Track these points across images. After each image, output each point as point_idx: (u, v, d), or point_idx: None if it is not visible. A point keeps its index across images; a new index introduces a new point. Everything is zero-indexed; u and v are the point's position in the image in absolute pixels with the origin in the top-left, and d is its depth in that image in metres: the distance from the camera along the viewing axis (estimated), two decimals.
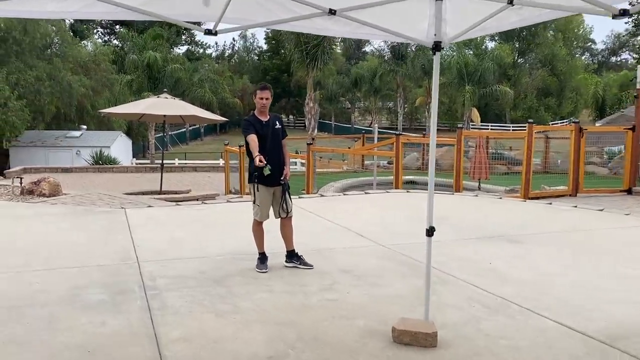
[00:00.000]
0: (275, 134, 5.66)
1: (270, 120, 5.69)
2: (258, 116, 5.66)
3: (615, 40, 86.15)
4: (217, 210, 8.96)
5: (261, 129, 5.57)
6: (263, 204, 5.64)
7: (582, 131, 12.18)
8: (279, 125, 5.75)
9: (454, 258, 6.24)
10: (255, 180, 5.55)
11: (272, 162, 5.48)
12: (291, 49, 19.11)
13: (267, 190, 5.62)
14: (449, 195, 10.54)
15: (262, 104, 5.62)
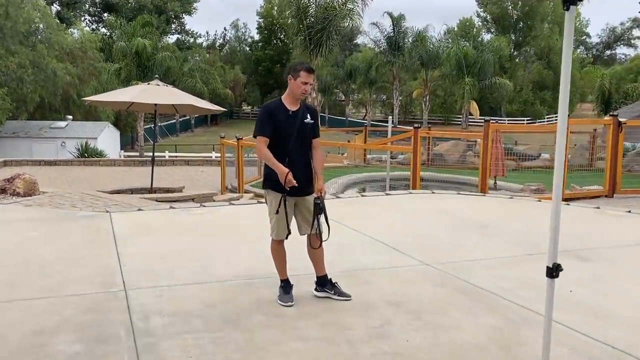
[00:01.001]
0: (303, 130, 4.34)
1: (299, 112, 4.37)
2: (285, 103, 4.36)
3: (610, 34, 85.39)
4: (219, 214, 7.66)
5: (285, 121, 4.27)
6: (280, 216, 4.31)
7: (621, 125, 10.99)
8: (310, 119, 4.41)
9: (522, 283, 5.00)
10: (270, 187, 4.33)
11: (296, 167, 4.22)
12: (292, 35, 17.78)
13: (288, 200, 4.32)
14: (478, 197, 9.31)
15: (303, 90, 4.31)
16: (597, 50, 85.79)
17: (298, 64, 4.40)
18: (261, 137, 4.23)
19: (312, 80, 4.42)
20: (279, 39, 64.75)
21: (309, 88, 4.36)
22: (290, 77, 4.33)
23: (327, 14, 15.61)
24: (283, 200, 4.24)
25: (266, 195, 4.40)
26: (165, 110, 14.35)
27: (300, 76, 4.28)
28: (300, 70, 4.29)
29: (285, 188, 4.15)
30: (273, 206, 4.31)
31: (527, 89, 59.49)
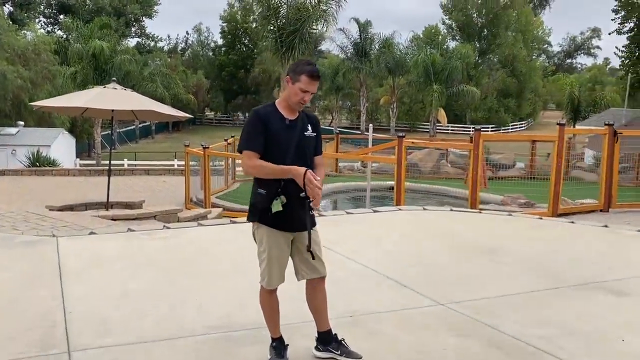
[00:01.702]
0: (303, 144, 3.34)
1: (298, 121, 3.37)
2: (281, 110, 3.35)
3: (570, 43, 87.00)
4: (186, 238, 6.58)
5: (281, 132, 3.27)
6: (275, 258, 3.33)
7: (617, 135, 10.33)
8: (311, 131, 3.42)
9: (561, 329, 4.10)
10: (262, 220, 3.31)
11: (293, 190, 3.23)
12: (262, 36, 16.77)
13: (282, 235, 3.33)
14: (474, 215, 8.46)
15: (301, 100, 3.28)
16: (559, 59, 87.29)
17: (301, 64, 3.34)
18: (249, 151, 3.23)
19: (316, 89, 3.34)
20: (243, 44, 63.50)
21: (308, 98, 3.32)
22: (289, 79, 3.30)
23: (300, 15, 14.70)
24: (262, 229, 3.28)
25: (255, 230, 3.39)
26: (124, 116, 13.14)
27: (301, 81, 3.24)
28: (301, 74, 3.24)
29: (267, 211, 3.19)
30: (265, 245, 3.30)
31: (492, 96, 59.71)
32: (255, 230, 3.38)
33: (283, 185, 3.20)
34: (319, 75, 3.32)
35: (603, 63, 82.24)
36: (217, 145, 17.98)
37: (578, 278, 5.36)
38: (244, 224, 7.33)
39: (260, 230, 3.33)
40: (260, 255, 3.35)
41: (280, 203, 3.19)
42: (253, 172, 3.26)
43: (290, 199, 3.22)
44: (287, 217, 3.24)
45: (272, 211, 3.21)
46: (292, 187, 3.21)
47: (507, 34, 62.51)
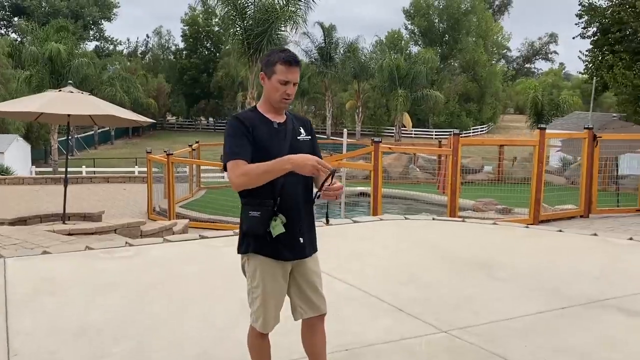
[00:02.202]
0: (299, 150, 2.76)
1: (288, 124, 2.83)
2: (265, 113, 2.80)
3: (529, 48, 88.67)
4: (153, 258, 5.94)
5: (270, 138, 2.73)
6: (271, 295, 2.77)
7: (597, 139, 10.10)
8: (305, 135, 2.88)
9: (581, 358, 3.67)
10: (254, 249, 2.74)
11: (291, 212, 2.71)
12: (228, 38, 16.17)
13: (279, 266, 2.77)
14: (458, 224, 8.04)
15: (283, 96, 2.73)
16: (517, 63, 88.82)
17: (272, 53, 2.75)
18: (236, 160, 2.64)
19: (297, 77, 2.76)
20: (205, 47, 62.45)
21: (293, 91, 2.75)
22: (263, 76, 2.74)
23: (268, 16, 14.14)
24: (253, 261, 2.72)
25: (245, 263, 2.83)
26: (81, 121, 12.34)
27: (277, 72, 2.68)
28: (275, 64, 2.68)
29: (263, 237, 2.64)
30: (258, 280, 2.74)
31: (454, 100, 60.20)
32: (246, 263, 2.81)
33: (280, 202, 2.66)
34: (298, 60, 2.74)
35: (559, 68, 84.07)
36: (182, 151, 17.24)
37: (583, 296, 4.95)
38: (215, 238, 6.76)
39: (253, 263, 2.76)
40: (253, 292, 2.78)
41: (280, 223, 2.64)
42: (243, 181, 2.60)
43: (291, 216, 2.68)
44: (287, 241, 2.70)
45: (272, 235, 2.65)
46: (291, 200, 2.69)
47: (468, 39, 63.20)
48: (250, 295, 2.78)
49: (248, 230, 2.70)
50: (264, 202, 2.65)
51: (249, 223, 2.69)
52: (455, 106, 60.23)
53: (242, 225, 2.74)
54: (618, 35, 21.97)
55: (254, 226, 2.67)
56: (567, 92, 49.43)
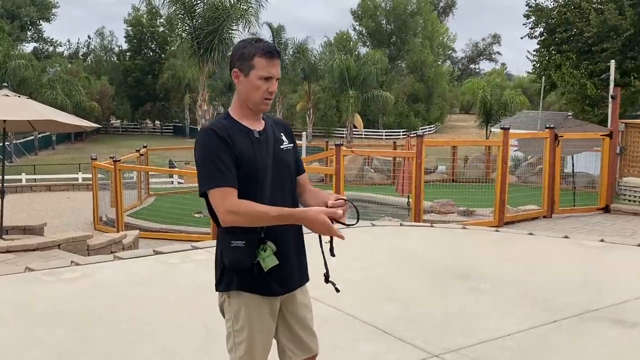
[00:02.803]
0: (282, 162, 2.34)
1: (267, 131, 2.35)
2: (241, 120, 2.31)
3: (473, 48, 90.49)
4: (103, 279, 5.33)
5: (253, 151, 2.25)
6: (259, 338, 2.29)
7: (558, 138, 10.01)
8: (288, 143, 2.42)
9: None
10: (239, 285, 2.26)
11: (280, 236, 2.25)
12: (178, 37, 15.47)
13: (267, 303, 2.30)
14: (426, 230, 7.71)
15: (265, 95, 2.27)
16: (462, 64, 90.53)
17: (247, 46, 2.27)
18: (223, 188, 2.15)
19: (279, 72, 2.29)
20: (150, 49, 60.79)
21: (275, 88, 2.29)
22: (237, 73, 2.26)
23: (219, 14, 13.54)
24: (237, 299, 2.24)
25: (225, 302, 2.33)
26: (19, 127, 11.48)
27: (256, 66, 2.22)
28: (253, 57, 2.21)
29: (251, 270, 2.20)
30: (243, 322, 2.25)
31: (402, 101, 60.71)
32: (226, 302, 2.31)
33: (268, 227, 2.20)
34: (279, 51, 2.28)
35: (501, 68, 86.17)
36: (129, 156, 16.40)
37: (572, 307, 4.66)
38: (170, 254, 6.17)
39: (236, 301, 2.27)
40: (236, 336, 2.28)
41: (271, 252, 2.18)
42: (236, 220, 2.13)
43: (281, 241, 2.24)
44: (276, 273, 2.24)
45: (263, 269, 2.18)
46: (276, 233, 2.23)
47: (415, 40, 63.89)
48: (232, 340, 2.29)
49: (231, 265, 2.21)
50: (248, 228, 2.17)
51: (231, 255, 2.19)
52: (404, 106, 60.75)
53: (222, 258, 2.25)
54: (564, 35, 22.33)
55: (238, 259, 2.18)
56: (509, 92, 50.58)
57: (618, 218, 9.94)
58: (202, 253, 6.16)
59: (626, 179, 10.46)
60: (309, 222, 2.17)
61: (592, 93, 20.82)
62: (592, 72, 21.20)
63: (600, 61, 20.83)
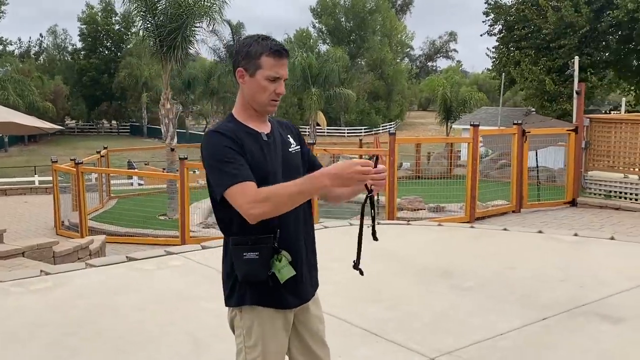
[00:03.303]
0: (292, 166, 2.22)
1: (274, 133, 2.23)
2: (247, 122, 2.18)
3: (430, 46, 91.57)
4: (76, 288, 5.09)
5: (262, 154, 2.13)
6: (271, 355, 2.16)
7: (525, 134, 10.14)
8: (295, 146, 2.29)
9: None
10: (252, 300, 2.14)
11: (293, 244, 2.13)
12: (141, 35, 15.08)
13: (281, 317, 2.18)
14: (402, 227, 7.69)
15: (272, 95, 2.15)
16: (420, 62, 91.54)
17: (252, 43, 2.13)
18: (243, 183, 2.00)
19: (287, 73, 2.17)
20: (105, 47, 59.29)
21: (283, 89, 2.18)
22: (242, 73, 2.14)
23: (182, 11, 13.25)
24: (250, 314, 2.11)
25: (236, 317, 2.19)
26: None
27: (263, 66, 2.10)
28: (260, 55, 2.09)
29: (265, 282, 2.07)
30: (256, 338, 2.13)
31: (363, 99, 61.01)
32: (237, 316, 2.18)
33: (280, 234, 2.07)
34: (287, 50, 2.16)
35: (456, 65, 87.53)
36: (90, 158, 15.93)
37: (557, 303, 4.68)
38: (144, 260, 5.95)
39: (249, 316, 2.14)
40: (248, 352, 2.14)
41: (287, 262, 2.06)
42: (266, 209, 1.96)
43: (294, 249, 2.12)
44: (290, 284, 2.12)
45: (279, 280, 2.06)
46: (292, 228, 2.12)
47: (374, 38, 64.27)
48: (243, 356, 2.15)
49: (245, 278, 2.08)
50: (261, 238, 2.04)
51: (245, 269, 2.06)
52: (365, 104, 61.13)
53: (234, 271, 2.11)
54: (523, 32, 22.74)
55: (252, 271, 2.05)
56: (466, 89, 51.42)
57: (585, 211, 10.13)
58: (177, 259, 5.97)
59: (591, 173, 10.66)
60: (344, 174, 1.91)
61: (550, 89, 21.27)
62: (550, 68, 21.66)
63: (558, 57, 21.30)
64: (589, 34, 21.28)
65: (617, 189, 10.36)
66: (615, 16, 20.13)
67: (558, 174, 14.68)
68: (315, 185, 1.95)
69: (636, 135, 10.29)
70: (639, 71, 23.65)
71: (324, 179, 1.94)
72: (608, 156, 10.63)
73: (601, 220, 9.39)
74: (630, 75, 24.04)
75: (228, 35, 45.46)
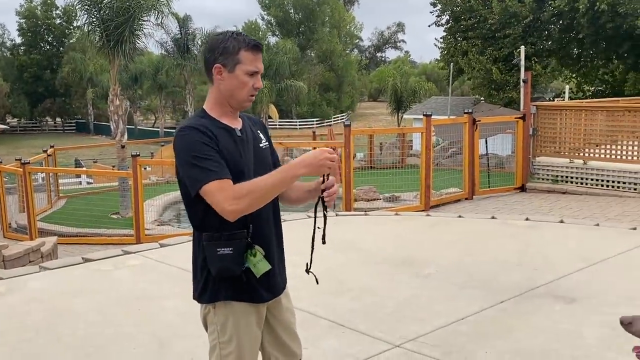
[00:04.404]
0: (263, 161, 2.23)
1: (246, 129, 2.22)
2: (220, 118, 2.16)
3: (379, 37, 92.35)
4: (32, 293, 4.93)
5: (238, 152, 2.12)
6: (248, 350, 2.16)
7: (476, 123, 10.38)
8: (265, 142, 2.30)
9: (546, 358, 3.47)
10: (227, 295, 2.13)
11: (266, 235, 2.17)
12: (75, 30, 14.62)
13: (254, 311, 2.19)
14: (361, 218, 7.77)
15: (250, 90, 2.14)
16: (370, 52, 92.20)
17: (228, 39, 2.10)
18: (221, 180, 1.99)
19: (261, 66, 2.16)
20: (46, 42, 57.32)
21: (261, 83, 2.17)
22: (220, 69, 2.10)
23: (129, 4, 12.92)
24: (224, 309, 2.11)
25: (209, 313, 2.18)
26: None
27: (242, 61, 2.08)
28: (238, 51, 2.07)
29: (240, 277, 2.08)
30: (230, 333, 2.13)
31: (314, 90, 61.10)
32: (211, 313, 2.16)
33: (253, 229, 2.09)
34: (261, 44, 2.16)
35: (405, 56, 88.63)
36: (37, 158, 15.43)
37: (514, 286, 4.84)
38: (101, 261, 5.82)
39: (223, 312, 2.13)
40: (222, 348, 2.13)
41: (262, 256, 2.07)
42: (246, 204, 1.97)
43: (266, 243, 2.15)
44: (266, 277, 2.14)
45: (255, 275, 2.06)
46: (263, 222, 2.16)
47: (324, 30, 64.35)
48: (217, 352, 2.14)
49: (219, 274, 2.07)
50: (235, 233, 2.05)
51: (218, 264, 2.06)
52: (316, 96, 61.22)
53: (207, 267, 2.10)
54: (469, 23, 23.21)
55: (226, 267, 2.05)
56: (414, 79, 52.19)
57: (534, 196, 10.47)
58: (135, 258, 5.87)
59: (539, 159, 11.01)
60: (314, 162, 2.00)
61: (497, 78, 21.82)
62: (496, 57, 22.21)
63: (504, 47, 21.86)
64: (532, 24, 21.91)
65: (563, 173, 10.74)
66: (557, 6, 20.79)
67: (507, 161, 15.11)
68: (291, 175, 2.01)
69: (580, 121, 10.68)
70: (579, 59, 24.51)
71: (299, 167, 2.00)
72: (554, 142, 11.00)
73: (550, 204, 9.72)
74: (572, 63, 24.89)
75: (175, 29, 44.64)
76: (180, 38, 44.01)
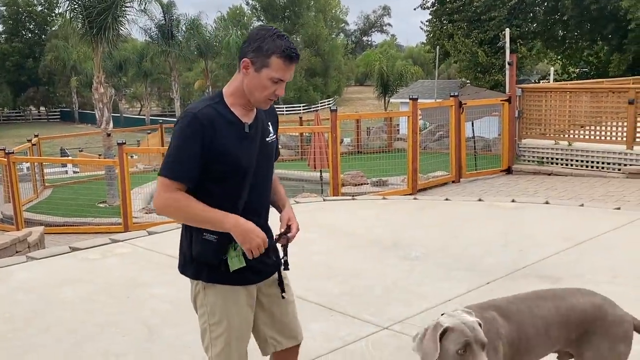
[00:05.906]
0: (266, 157, 2.24)
1: (257, 123, 2.21)
2: (235, 109, 2.13)
3: (365, 21, 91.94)
4: (19, 283, 4.91)
5: (238, 146, 2.11)
6: (237, 332, 2.19)
7: (462, 106, 10.41)
8: (272, 135, 2.29)
9: None
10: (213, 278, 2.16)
11: (259, 222, 2.19)
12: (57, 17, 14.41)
13: (244, 291, 2.20)
14: (349, 203, 7.80)
15: (270, 96, 2.12)
16: (355, 37, 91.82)
17: (267, 37, 2.06)
18: (172, 181, 2.04)
19: (292, 75, 2.16)
20: (28, 30, 56.49)
21: (283, 92, 2.15)
22: (247, 64, 2.07)
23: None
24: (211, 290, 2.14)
25: (199, 293, 2.20)
26: None
27: (271, 66, 2.05)
28: (271, 55, 2.04)
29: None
30: (220, 314, 2.15)
31: (300, 75, 60.84)
32: (201, 293, 2.18)
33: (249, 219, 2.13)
34: (298, 55, 2.13)
35: (391, 40, 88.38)
36: (21, 147, 15.30)
37: (500, 267, 4.90)
38: (89, 250, 5.81)
39: (212, 292, 2.16)
40: (212, 330, 2.16)
41: (241, 254, 2.08)
42: (169, 212, 2.07)
43: None
44: (253, 265, 2.16)
45: (229, 268, 2.08)
46: (256, 216, 2.19)
47: (309, 14, 63.95)
48: (208, 335, 2.17)
49: (198, 256, 2.12)
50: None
51: (200, 248, 2.11)
52: (303, 81, 60.94)
53: (190, 248, 2.14)
54: (455, 5, 23.18)
55: (205, 253, 2.10)
56: (401, 62, 52.14)
57: (520, 178, 10.55)
58: (124, 246, 5.87)
59: (525, 141, 11.09)
60: (246, 236, 2.06)
61: (483, 60, 21.86)
62: (482, 40, 22.22)
63: (489, 29, 21.87)
64: (518, 6, 21.93)
65: (549, 155, 10.83)
66: None
67: (493, 143, 15.21)
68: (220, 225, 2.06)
69: (564, 103, 10.75)
70: (564, 41, 24.60)
71: (231, 226, 2.05)
72: (539, 124, 11.07)
73: (535, 186, 9.81)
74: (557, 45, 24.98)
75: (159, 15, 44.13)
76: (164, 24, 43.47)
